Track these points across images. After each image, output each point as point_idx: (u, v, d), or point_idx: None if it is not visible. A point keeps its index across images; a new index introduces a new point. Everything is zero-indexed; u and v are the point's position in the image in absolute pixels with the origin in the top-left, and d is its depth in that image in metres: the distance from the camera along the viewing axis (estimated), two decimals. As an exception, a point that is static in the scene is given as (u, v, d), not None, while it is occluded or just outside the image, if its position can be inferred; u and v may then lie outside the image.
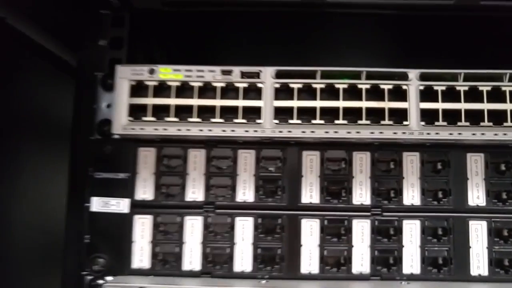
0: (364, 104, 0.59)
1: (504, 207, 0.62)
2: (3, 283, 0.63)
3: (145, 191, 0.61)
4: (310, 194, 0.60)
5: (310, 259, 0.59)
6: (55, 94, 0.75)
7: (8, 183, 0.64)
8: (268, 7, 0.62)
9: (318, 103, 0.59)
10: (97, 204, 0.63)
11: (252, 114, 0.57)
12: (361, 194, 0.60)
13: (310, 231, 0.59)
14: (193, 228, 0.63)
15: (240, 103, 0.57)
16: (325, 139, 0.59)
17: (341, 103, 0.59)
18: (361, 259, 0.59)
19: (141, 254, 0.63)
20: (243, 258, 0.60)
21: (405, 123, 0.58)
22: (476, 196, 0.62)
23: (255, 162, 0.60)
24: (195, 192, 0.61)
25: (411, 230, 0.61)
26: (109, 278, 0.62)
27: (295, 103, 0.59)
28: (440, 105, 0.59)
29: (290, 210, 0.60)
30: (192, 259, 0.60)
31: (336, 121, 0.59)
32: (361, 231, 0.59)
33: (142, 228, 0.63)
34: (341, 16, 0.64)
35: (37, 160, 0.72)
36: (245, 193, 0.60)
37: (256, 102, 0.57)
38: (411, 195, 0.62)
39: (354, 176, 0.60)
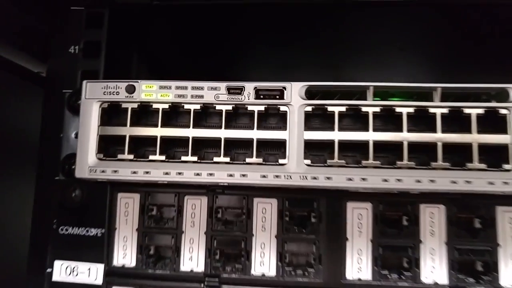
0: (440, 137, 0.41)
1: None
2: None
3: (125, 254, 0.48)
4: (359, 266, 0.45)
5: None
6: (26, 114, 0.58)
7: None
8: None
9: (371, 136, 0.42)
10: (61, 270, 0.48)
11: (273, 150, 0.44)
12: (434, 268, 0.45)
13: (358, 321, 0.44)
14: (191, 311, 0.47)
15: (255, 134, 0.43)
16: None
17: (405, 136, 0.41)
18: None
19: None
20: None
21: (506, 167, 0.40)
22: None
23: (278, 216, 0.46)
24: (193, 258, 0.47)
25: (514, 327, 0.43)
26: None
27: (336, 135, 0.42)
28: None
29: (329, 289, 0.45)
30: None
31: (399, 163, 0.41)
32: (435, 324, 0.43)
33: (122, 307, 0.47)
34: (385, 8, 0.45)
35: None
36: (264, 262, 0.46)
37: (278, 133, 0.43)
38: (513, 272, 0.44)
39: (422, 241, 0.45)
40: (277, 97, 0.43)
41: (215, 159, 0.42)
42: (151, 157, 0.43)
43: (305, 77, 0.44)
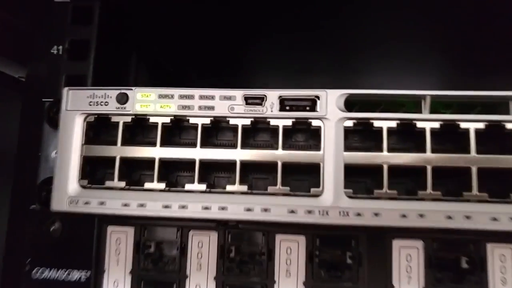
0: (522, 162, 0.34)
1: None
2: None
3: (116, 302, 0.41)
4: (409, 321, 0.37)
5: None
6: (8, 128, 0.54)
7: None
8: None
9: (428, 159, 0.34)
10: (35, 327, 0.42)
11: (302, 175, 0.37)
12: (508, 327, 0.37)
13: None
14: None
15: (280, 156, 0.37)
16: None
17: (474, 160, 0.34)
18: None
19: None
20: None
21: None
22: None
23: (307, 258, 0.39)
24: (200, 309, 0.40)
25: None
26: None
27: (385, 158, 0.35)
28: None
29: None
30: None
31: (466, 194, 0.34)
32: None
33: None
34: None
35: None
36: (290, 315, 0.39)
37: (310, 155, 0.36)
38: None
39: (492, 291, 0.37)
40: (308, 108, 0.36)
41: (229, 187, 0.37)
42: (147, 185, 0.38)
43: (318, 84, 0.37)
